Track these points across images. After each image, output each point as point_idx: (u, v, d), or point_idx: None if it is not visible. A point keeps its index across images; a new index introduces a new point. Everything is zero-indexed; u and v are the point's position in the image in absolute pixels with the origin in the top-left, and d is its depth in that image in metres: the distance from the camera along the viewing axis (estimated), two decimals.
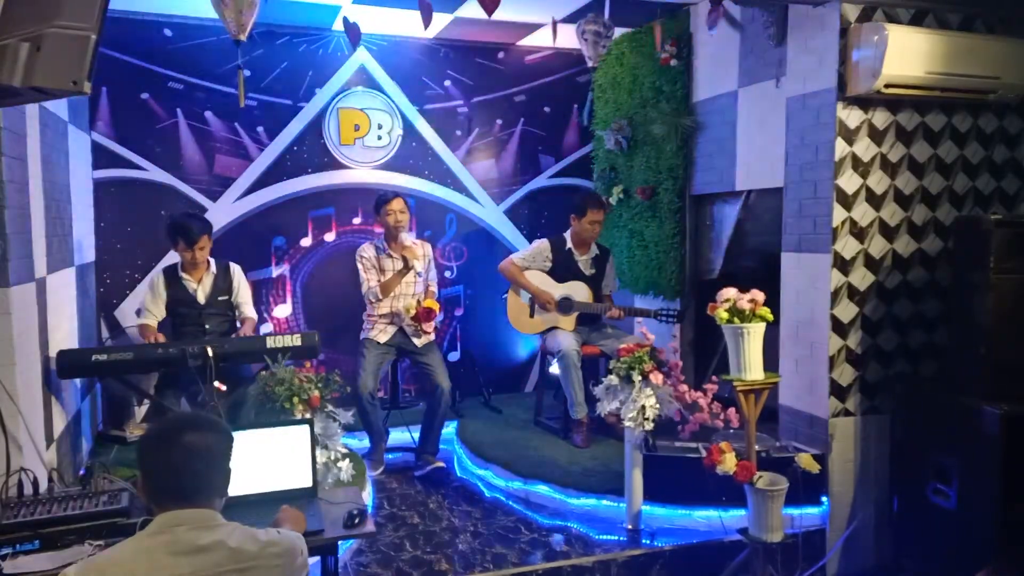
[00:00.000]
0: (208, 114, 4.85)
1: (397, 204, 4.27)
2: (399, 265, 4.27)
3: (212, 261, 4.11)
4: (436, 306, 4.31)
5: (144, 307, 4.02)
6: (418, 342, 4.31)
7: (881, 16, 3.44)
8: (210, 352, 3.32)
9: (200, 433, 1.66)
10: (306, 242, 5.14)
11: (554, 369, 4.42)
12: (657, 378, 3.40)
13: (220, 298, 4.09)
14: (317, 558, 2.50)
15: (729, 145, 4.28)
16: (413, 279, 4.33)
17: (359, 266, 4.31)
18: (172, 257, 4.61)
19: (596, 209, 4.44)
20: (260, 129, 4.97)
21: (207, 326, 4.02)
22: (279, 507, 2.28)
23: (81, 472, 3.40)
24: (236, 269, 4.20)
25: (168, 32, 4.72)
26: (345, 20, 3.75)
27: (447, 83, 5.38)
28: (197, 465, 1.63)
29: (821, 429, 3.57)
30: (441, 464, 4.20)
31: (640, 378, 3.41)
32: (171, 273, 4.06)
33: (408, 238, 4.34)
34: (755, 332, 3.05)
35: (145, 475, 1.64)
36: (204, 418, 1.76)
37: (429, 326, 4.31)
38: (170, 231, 4.02)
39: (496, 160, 5.56)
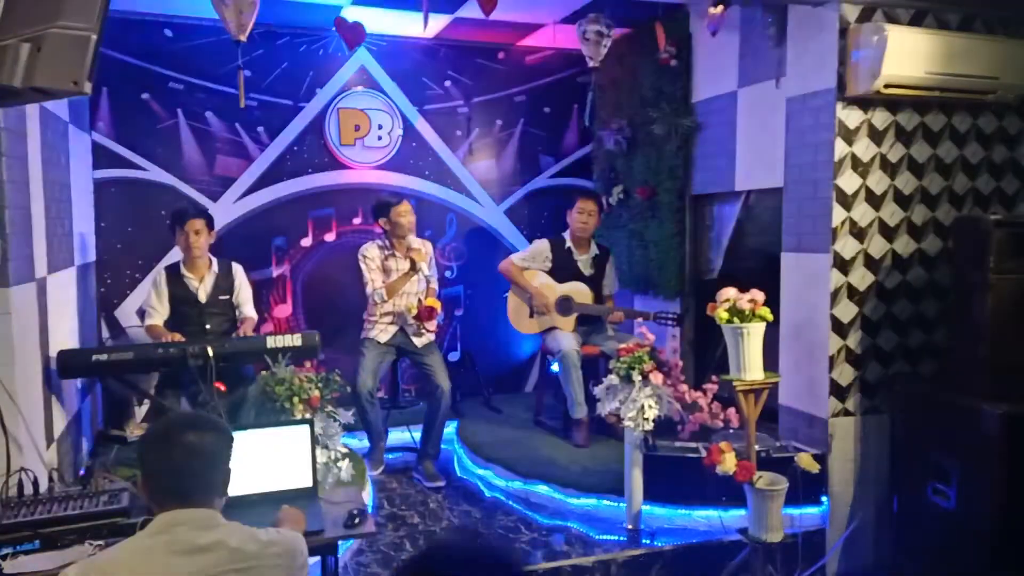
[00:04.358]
0: (209, 114, 4.85)
1: (405, 207, 4.27)
2: (404, 266, 4.27)
3: (214, 260, 4.11)
4: (438, 305, 4.31)
5: (149, 306, 4.01)
6: (418, 342, 4.31)
7: (880, 16, 3.44)
8: (210, 352, 3.32)
9: (200, 433, 1.66)
10: (306, 242, 5.14)
11: (555, 369, 4.42)
12: (657, 378, 3.40)
13: (221, 297, 4.08)
14: (317, 558, 2.50)
15: (729, 145, 4.28)
16: (417, 278, 4.32)
17: (363, 266, 4.30)
18: (173, 256, 4.62)
19: (584, 199, 4.45)
20: (260, 129, 4.98)
21: (208, 325, 4.01)
22: (279, 507, 2.29)
23: (81, 472, 3.40)
24: (238, 269, 4.20)
25: (169, 32, 4.72)
26: (342, 22, 3.74)
27: (447, 83, 5.38)
28: (197, 465, 1.63)
29: (821, 429, 3.57)
30: (442, 483, 4.17)
31: (640, 378, 3.41)
32: (173, 271, 4.06)
33: (416, 240, 4.34)
34: (755, 332, 3.05)
35: (145, 475, 1.64)
36: (204, 418, 1.76)
37: (431, 324, 4.31)
38: (169, 222, 4.08)
39: (496, 160, 5.56)
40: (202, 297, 4.04)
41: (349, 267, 4.56)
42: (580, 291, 4.46)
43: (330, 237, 5.18)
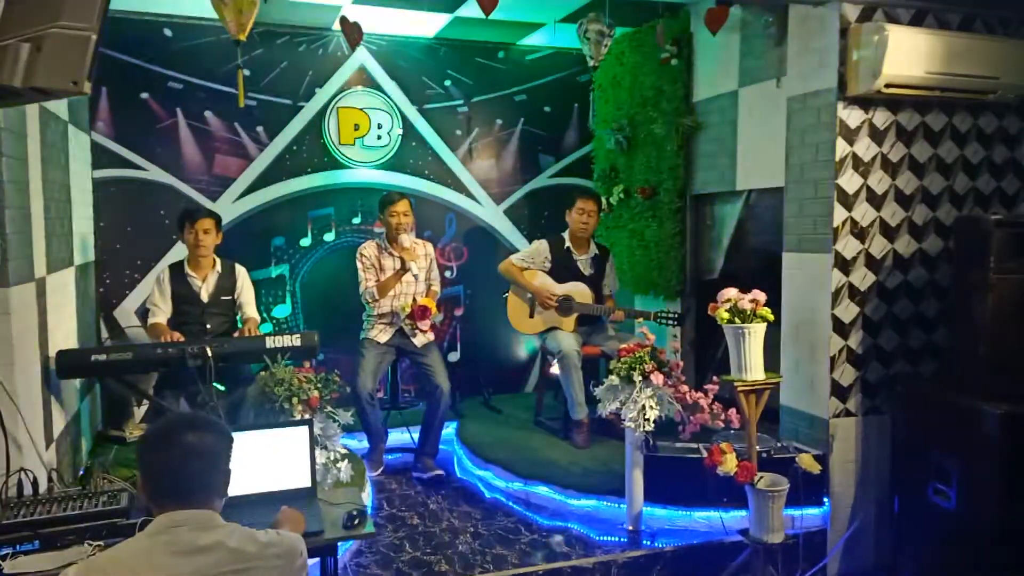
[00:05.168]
0: (208, 114, 4.85)
1: (402, 206, 4.25)
2: (399, 265, 4.26)
3: (218, 260, 4.12)
4: (432, 304, 4.29)
5: (152, 304, 4.01)
6: (417, 342, 4.30)
7: (881, 16, 3.44)
8: (209, 352, 3.31)
9: (199, 433, 1.65)
10: (305, 242, 5.13)
11: (554, 369, 4.41)
12: (658, 378, 3.39)
13: (223, 297, 4.09)
14: (317, 559, 2.50)
15: (729, 145, 4.28)
16: (412, 279, 4.31)
17: (358, 265, 4.30)
18: (174, 255, 4.62)
19: (584, 199, 4.44)
20: (260, 129, 4.97)
21: (208, 325, 4.01)
22: (278, 508, 2.28)
23: (80, 472, 3.40)
24: (241, 270, 4.21)
25: (168, 32, 4.72)
26: (344, 20, 3.74)
27: (447, 83, 5.38)
28: (196, 465, 1.62)
29: (822, 429, 3.57)
30: (440, 472, 4.17)
31: (641, 378, 3.41)
32: (177, 269, 4.06)
33: (409, 239, 4.31)
34: (756, 332, 3.05)
35: (144, 475, 1.64)
36: (203, 418, 1.75)
37: (424, 324, 4.28)
38: (179, 218, 4.12)
39: (496, 160, 5.56)
40: (204, 296, 4.04)
41: (348, 267, 4.56)
42: (580, 291, 4.45)
43: (329, 237, 5.18)
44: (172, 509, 1.59)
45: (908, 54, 3.26)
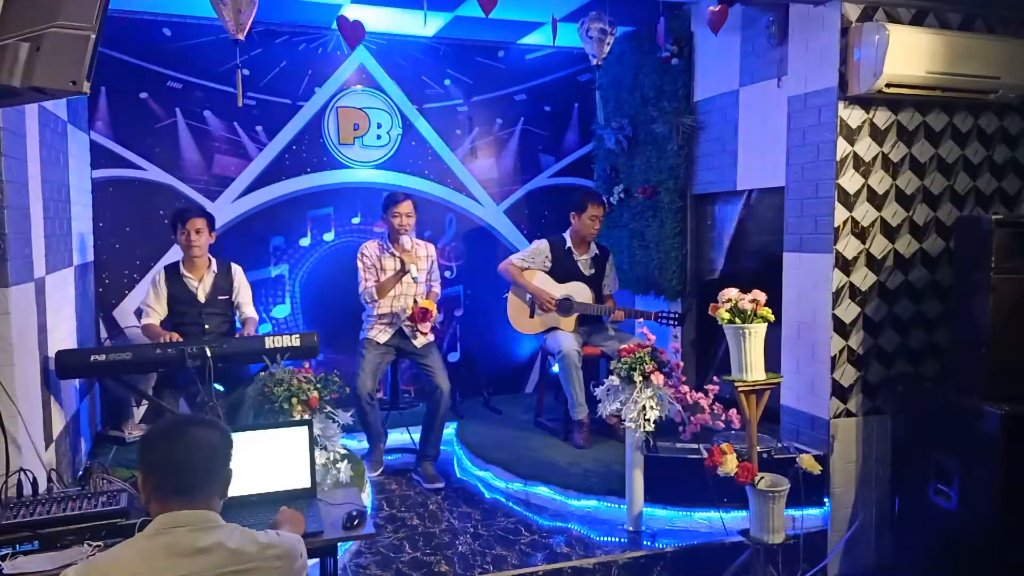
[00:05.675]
0: (207, 113, 4.84)
1: (405, 207, 4.23)
2: (400, 265, 4.24)
3: (213, 260, 4.10)
4: (433, 307, 4.28)
5: (146, 305, 4.00)
6: (417, 343, 4.29)
7: (882, 16, 3.43)
8: (209, 353, 3.31)
9: (204, 429, 1.68)
10: (305, 242, 5.13)
11: (555, 369, 4.40)
12: (658, 379, 3.39)
13: (220, 297, 4.07)
14: (316, 560, 2.50)
15: (730, 144, 4.27)
16: (412, 280, 4.29)
17: (359, 264, 4.28)
18: (171, 256, 4.62)
19: (596, 204, 4.44)
20: (259, 128, 4.96)
21: (207, 326, 4.00)
22: (278, 508, 2.28)
23: (80, 473, 3.39)
24: (238, 269, 4.20)
25: (167, 31, 4.71)
26: (344, 20, 3.73)
27: (447, 82, 5.37)
28: (200, 461, 1.63)
29: (823, 430, 3.57)
30: (441, 485, 4.14)
31: (641, 379, 3.40)
32: (172, 270, 4.05)
33: (410, 240, 4.30)
34: (756, 332, 3.04)
35: (147, 471, 1.63)
36: (206, 418, 1.77)
37: (425, 327, 4.27)
38: (171, 219, 4.09)
39: (496, 159, 5.55)
40: (201, 297, 4.03)
41: (348, 267, 4.55)
42: (580, 291, 4.45)
43: (329, 237, 5.17)
44: (173, 505, 1.59)
45: (909, 54, 3.26)
